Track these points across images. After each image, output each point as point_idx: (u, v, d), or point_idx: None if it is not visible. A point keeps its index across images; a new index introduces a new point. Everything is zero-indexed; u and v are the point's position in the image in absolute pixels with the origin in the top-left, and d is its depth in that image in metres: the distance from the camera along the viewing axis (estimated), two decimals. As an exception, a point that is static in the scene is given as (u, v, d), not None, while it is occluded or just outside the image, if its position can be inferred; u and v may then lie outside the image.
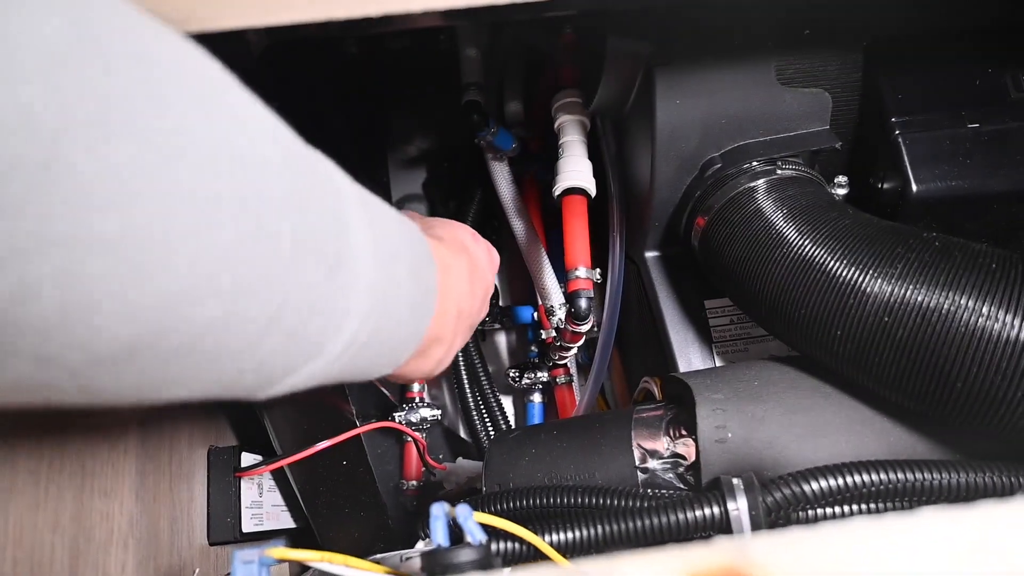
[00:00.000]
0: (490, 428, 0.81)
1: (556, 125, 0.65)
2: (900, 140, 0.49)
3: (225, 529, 0.56)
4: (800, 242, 0.46)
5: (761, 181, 0.50)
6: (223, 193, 0.21)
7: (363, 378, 0.35)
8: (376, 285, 0.29)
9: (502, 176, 0.74)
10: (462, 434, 0.86)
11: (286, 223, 0.23)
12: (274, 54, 0.58)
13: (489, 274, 0.49)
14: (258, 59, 0.49)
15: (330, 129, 0.76)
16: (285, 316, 0.24)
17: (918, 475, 0.41)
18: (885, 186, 0.52)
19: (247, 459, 0.59)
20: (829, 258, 0.44)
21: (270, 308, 0.23)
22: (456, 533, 0.37)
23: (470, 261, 0.44)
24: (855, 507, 0.42)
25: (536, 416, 0.82)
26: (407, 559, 0.44)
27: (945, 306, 0.40)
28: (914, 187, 0.49)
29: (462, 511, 0.36)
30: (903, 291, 0.41)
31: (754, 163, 0.52)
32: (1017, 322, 0.38)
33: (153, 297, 0.20)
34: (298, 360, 0.27)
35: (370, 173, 0.92)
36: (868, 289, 0.42)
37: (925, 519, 0.20)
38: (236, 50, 0.30)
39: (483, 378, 0.81)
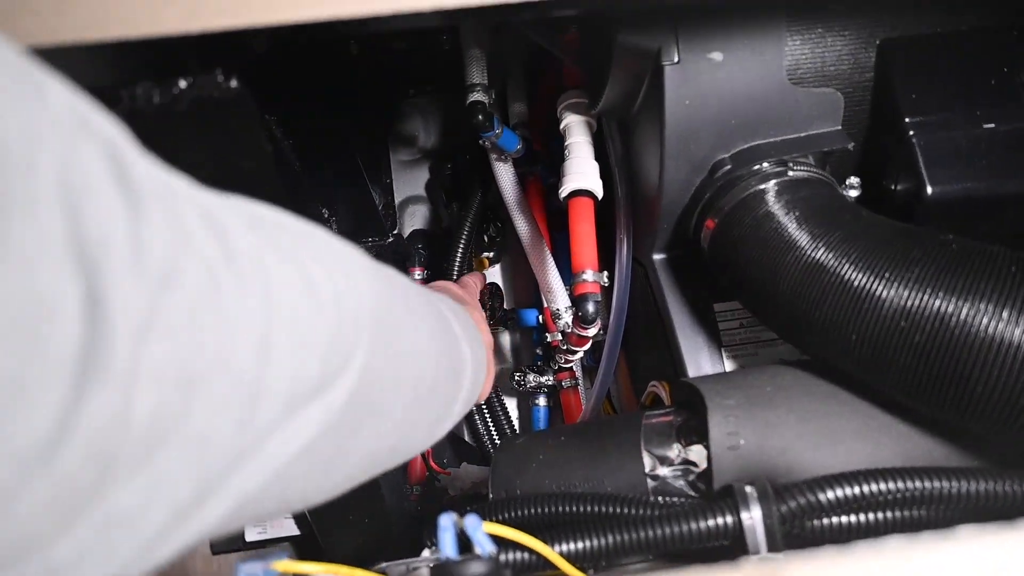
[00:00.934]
0: (494, 433, 0.80)
1: (562, 126, 0.65)
2: (914, 140, 0.49)
3: (228, 538, 0.55)
4: (813, 245, 0.45)
5: (772, 183, 0.50)
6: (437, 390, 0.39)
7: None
8: (470, 359, 0.44)
9: (506, 177, 0.73)
10: (466, 438, 0.85)
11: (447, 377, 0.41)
12: (276, 55, 0.57)
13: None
14: (260, 60, 0.49)
15: (333, 129, 0.76)
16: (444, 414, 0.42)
17: (937, 483, 0.40)
18: (899, 187, 0.51)
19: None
20: (843, 262, 0.43)
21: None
22: (463, 542, 0.37)
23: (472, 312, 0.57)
24: (872, 516, 0.41)
25: (541, 420, 0.81)
26: (413, 568, 0.43)
27: (964, 311, 0.39)
28: (929, 189, 0.48)
29: (471, 522, 0.36)
30: (920, 295, 0.40)
31: (765, 164, 0.51)
32: (1039, 327, 0.37)
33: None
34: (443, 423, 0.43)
35: (373, 174, 0.91)
36: (884, 293, 0.41)
37: (960, 542, 0.19)
38: (238, 52, 0.29)
39: (487, 382, 0.80)
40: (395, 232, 0.93)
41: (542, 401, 0.81)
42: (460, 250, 0.81)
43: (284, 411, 0.23)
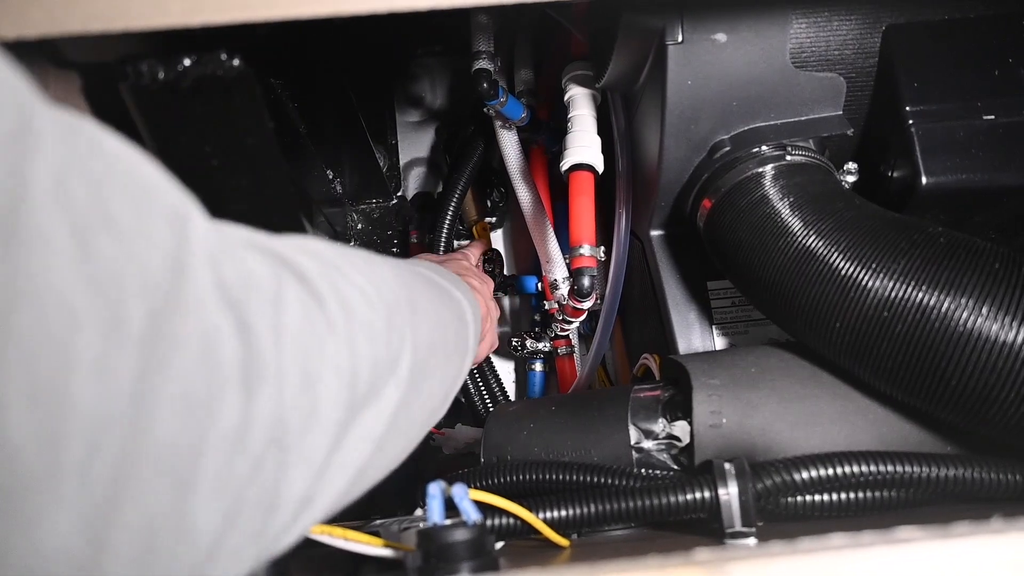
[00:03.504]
0: (485, 396, 0.82)
1: (566, 98, 0.65)
2: (913, 130, 0.49)
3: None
4: (804, 232, 0.46)
5: (769, 167, 0.50)
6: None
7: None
8: (471, 322, 0.48)
9: (510, 145, 0.74)
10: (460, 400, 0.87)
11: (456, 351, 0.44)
12: (279, 30, 0.57)
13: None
14: (264, 38, 0.49)
15: (338, 91, 0.76)
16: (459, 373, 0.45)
17: (906, 467, 0.41)
18: (895, 175, 0.51)
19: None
20: (832, 250, 0.44)
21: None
22: (452, 507, 0.39)
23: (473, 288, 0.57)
24: (843, 496, 0.43)
25: (537, 384, 0.83)
26: (404, 528, 0.46)
27: (945, 304, 0.40)
28: (924, 179, 0.48)
29: (458, 491, 0.38)
30: (904, 287, 0.41)
31: (764, 147, 0.51)
32: (1016, 324, 0.38)
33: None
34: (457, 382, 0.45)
35: (378, 135, 0.91)
36: (869, 283, 0.42)
37: (906, 546, 0.20)
38: (241, 32, 0.30)
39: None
40: (399, 194, 0.94)
41: (538, 367, 0.83)
42: (449, 214, 0.81)
43: (372, 390, 0.29)
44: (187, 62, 0.34)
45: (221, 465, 0.21)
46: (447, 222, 0.81)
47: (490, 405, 0.82)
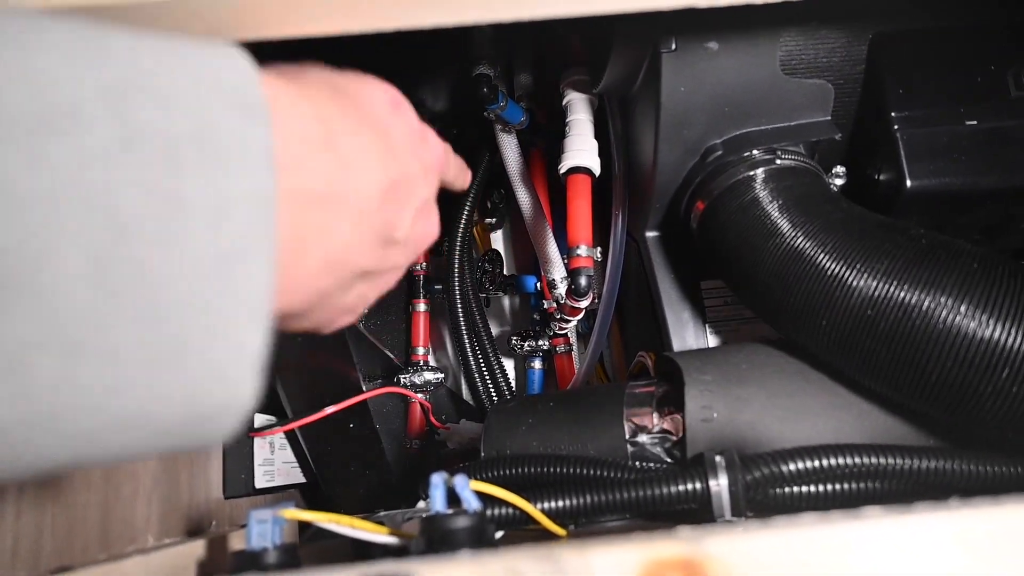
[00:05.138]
0: (492, 391, 0.84)
1: (564, 102, 0.66)
2: (898, 134, 0.51)
3: (239, 485, 0.59)
4: (793, 233, 0.47)
5: (760, 170, 0.52)
6: None
7: None
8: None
9: (510, 148, 0.75)
10: (466, 396, 0.89)
11: None
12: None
13: (416, 167, 0.32)
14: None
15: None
16: None
17: (890, 459, 0.43)
18: (882, 178, 0.53)
19: (260, 420, 0.62)
20: (819, 250, 0.46)
21: None
22: (454, 497, 0.40)
23: (379, 138, 0.29)
24: (830, 487, 0.45)
25: (536, 382, 0.85)
26: (408, 519, 0.48)
27: (926, 303, 0.42)
28: (908, 182, 0.50)
29: (459, 481, 0.39)
30: (887, 286, 0.43)
31: (755, 152, 0.53)
32: (992, 320, 0.40)
33: None
34: None
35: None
36: (854, 283, 0.44)
37: (870, 521, 0.22)
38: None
39: (487, 344, 0.83)
40: (401, 195, 0.96)
41: (537, 364, 0.84)
42: (464, 216, 0.83)
43: None
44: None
45: None
46: (462, 225, 0.82)
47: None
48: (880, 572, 0.21)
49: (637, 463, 0.50)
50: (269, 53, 0.34)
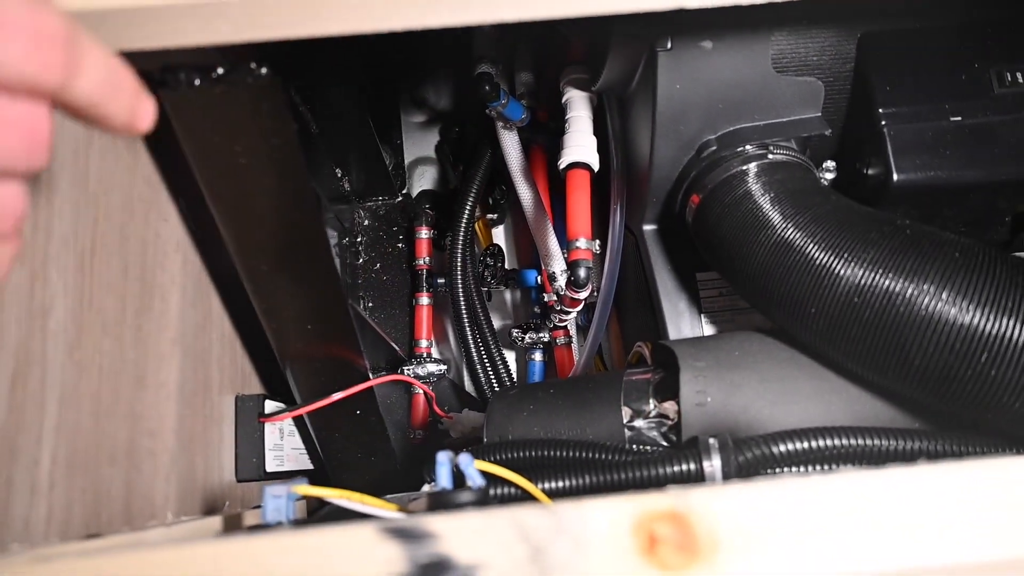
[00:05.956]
0: (494, 382, 0.86)
1: (563, 100, 0.68)
2: (885, 130, 0.52)
3: (251, 468, 0.61)
4: (783, 225, 0.49)
5: (752, 164, 0.54)
6: None
7: None
8: None
9: (511, 145, 0.77)
10: (468, 387, 0.91)
11: None
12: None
13: None
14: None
15: (350, 96, 0.79)
16: None
17: (876, 441, 0.45)
18: (870, 172, 0.55)
19: (270, 406, 0.65)
20: (808, 241, 0.48)
21: None
22: (458, 478, 0.42)
23: None
24: (819, 468, 0.47)
25: (536, 373, 0.87)
26: (414, 499, 0.49)
27: (909, 290, 0.43)
28: (895, 176, 0.52)
29: (464, 459, 0.41)
30: (873, 275, 0.45)
31: (747, 147, 0.55)
32: (971, 307, 0.42)
33: None
34: None
35: (384, 135, 0.95)
36: (841, 272, 0.46)
37: (839, 477, 0.24)
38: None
39: (489, 336, 0.85)
40: (404, 191, 0.98)
41: (538, 356, 0.86)
42: (466, 211, 0.85)
43: None
44: (220, 71, 0.38)
45: None
46: (464, 220, 0.84)
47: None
48: (851, 514, 0.23)
49: (634, 446, 0.52)
50: (277, 52, 0.36)
